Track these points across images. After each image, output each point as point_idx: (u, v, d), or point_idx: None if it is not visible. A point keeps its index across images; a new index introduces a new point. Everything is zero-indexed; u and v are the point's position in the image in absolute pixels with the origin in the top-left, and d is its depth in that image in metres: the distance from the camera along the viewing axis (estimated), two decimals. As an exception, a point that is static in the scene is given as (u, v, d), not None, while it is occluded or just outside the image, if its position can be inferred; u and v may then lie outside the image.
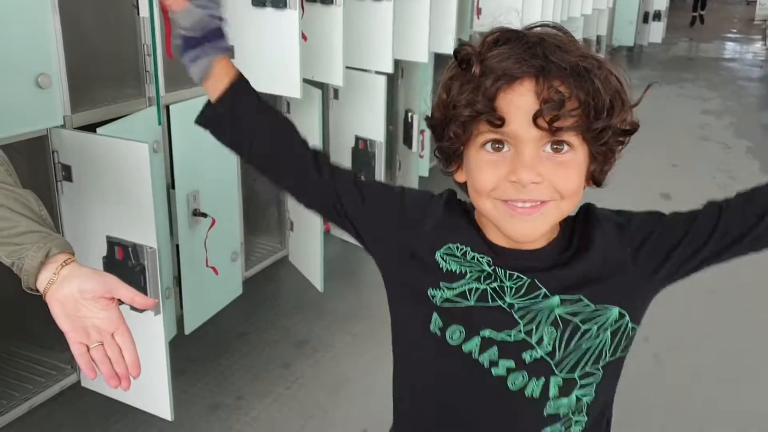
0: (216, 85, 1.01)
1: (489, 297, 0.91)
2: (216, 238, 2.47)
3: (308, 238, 2.91)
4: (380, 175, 3.07)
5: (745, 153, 6.00)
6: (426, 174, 4.13)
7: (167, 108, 2.28)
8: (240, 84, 1.02)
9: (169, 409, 1.95)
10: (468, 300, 0.92)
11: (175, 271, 2.41)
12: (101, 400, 2.23)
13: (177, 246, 2.39)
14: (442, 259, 0.93)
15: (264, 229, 3.07)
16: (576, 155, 0.85)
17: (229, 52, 1.02)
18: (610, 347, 0.93)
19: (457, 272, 0.92)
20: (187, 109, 2.35)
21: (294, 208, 2.99)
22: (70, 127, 1.96)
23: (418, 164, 3.83)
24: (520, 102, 0.81)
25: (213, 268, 2.45)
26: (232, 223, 2.62)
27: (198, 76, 1.00)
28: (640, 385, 2.80)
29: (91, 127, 2.00)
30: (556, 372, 0.92)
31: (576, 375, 0.93)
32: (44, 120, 1.87)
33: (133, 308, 1.92)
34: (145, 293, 1.87)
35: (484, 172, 0.85)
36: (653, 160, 5.68)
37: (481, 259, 0.91)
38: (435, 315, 0.94)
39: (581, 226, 0.95)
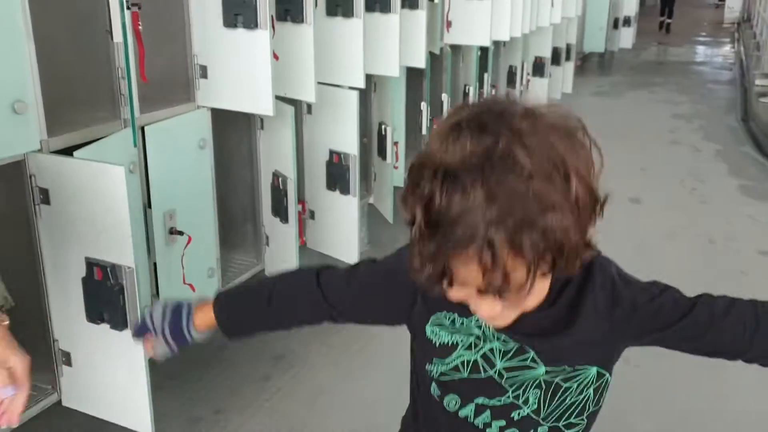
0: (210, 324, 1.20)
1: (481, 368, 0.97)
2: (193, 255, 2.51)
3: (284, 252, 2.97)
4: (355, 187, 3.13)
5: (713, 156, 6.17)
6: (401, 184, 4.21)
7: (142, 129, 2.33)
8: (222, 319, 1.17)
9: (149, 424, 1.99)
10: (461, 373, 0.99)
11: (153, 288, 2.45)
12: (83, 419, 2.25)
13: (155, 264, 2.43)
14: (433, 333, 1.00)
15: (240, 245, 3.11)
16: (535, 282, 0.81)
17: (193, 315, 1.19)
18: (593, 401, 1.02)
19: (449, 344, 0.98)
20: (162, 130, 2.40)
21: (269, 223, 3.04)
22: (46, 152, 1.99)
23: (393, 175, 3.89)
24: (466, 270, 0.78)
25: (190, 285, 2.49)
26: (208, 240, 2.66)
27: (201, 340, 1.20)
28: (614, 390, 2.89)
29: (68, 150, 2.04)
30: (542, 423, 1.00)
31: (561, 425, 1.01)
32: (21, 145, 1.90)
33: (113, 327, 1.97)
34: (125, 312, 1.92)
35: (452, 293, 0.85)
36: (623, 164, 5.80)
37: (469, 323, 0.97)
38: (434, 384, 1.02)
39: (574, 287, 0.95)
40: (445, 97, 4.59)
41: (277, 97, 2.68)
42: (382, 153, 3.84)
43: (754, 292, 3.69)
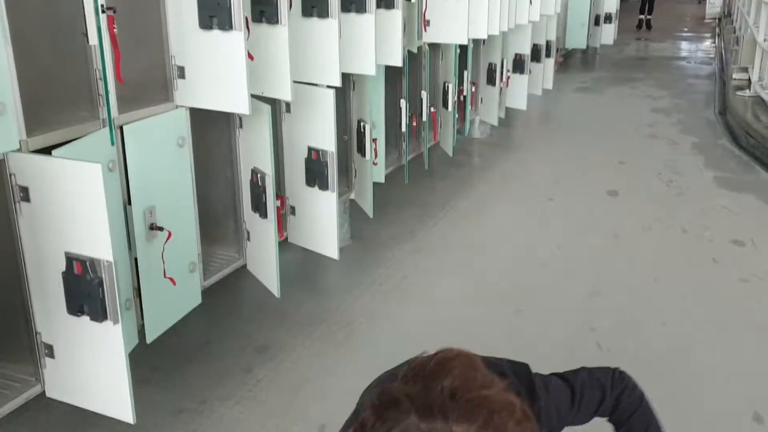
0: None
1: None
2: (173, 250, 2.59)
3: (264, 246, 3.04)
4: (333, 182, 3.21)
5: (690, 149, 6.28)
6: (382, 180, 4.28)
7: (121, 129, 2.40)
8: None
9: (130, 413, 2.06)
10: None
11: (134, 283, 2.51)
12: (67, 410, 2.32)
13: (136, 259, 2.50)
14: None
15: (222, 240, 3.19)
16: None
17: None
18: None
19: None
20: (140, 130, 2.47)
21: (250, 219, 3.11)
22: (26, 151, 2.06)
23: (373, 171, 3.97)
24: None
25: (171, 278, 2.56)
26: (189, 235, 2.73)
27: None
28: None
29: (48, 150, 2.11)
30: None
31: None
32: (0, 145, 1.97)
33: (93, 318, 2.04)
34: (104, 304, 1.99)
35: None
36: (602, 158, 5.91)
37: None
38: None
39: None
40: (424, 94, 4.68)
41: (256, 96, 2.76)
42: (361, 150, 3.92)
43: (722, 278, 3.85)
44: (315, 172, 3.27)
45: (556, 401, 1.29)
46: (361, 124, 3.88)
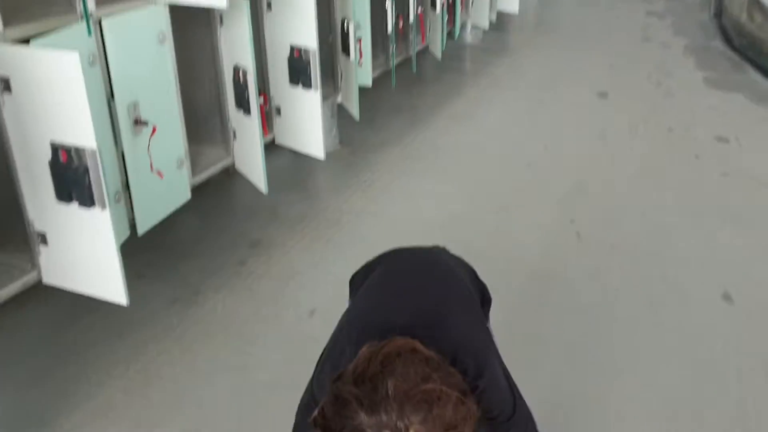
0: None
1: None
2: (160, 146, 2.63)
3: (250, 143, 3.08)
4: (316, 81, 3.22)
5: (682, 51, 6.22)
6: (369, 84, 4.27)
7: (100, 22, 2.39)
8: None
9: (123, 295, 2.16)
10: None
11: (123, 177, 2.57)
12: (66, 297, 2.42)
13: (123, 154, 2.54)
14: None
15: (209, 139, 3.22)
16: None
17: None
18: None
19: None
20: (119, 24, 2.46)
21: (235, 117, 3.14)
22: (3, 41, 2.07)
23: (358, 73, 3.96)
24: None
25: (158, 172, 2.62)
26: (174, 131, 2.77)
27: None
28: (563, 259, 3.10)
29: (27, 42, 2.12)
30: None
31: None
32: (-22, 35, 1.98)
33: (81, 204, 2.11)
34: (91, 191, 2.05)
35: None
36: (594, 62, 5.87)
37: None
38: None
39: None
40: (410, -6, 4.60)
41: (234, -9, 2.73)
42: (346, 50, 3.89)
43: (704, 173, 3.93)
44: (298, 70, 3.27)
45: (498, 397, 1.33)
46: (345, 22, 3.83)
